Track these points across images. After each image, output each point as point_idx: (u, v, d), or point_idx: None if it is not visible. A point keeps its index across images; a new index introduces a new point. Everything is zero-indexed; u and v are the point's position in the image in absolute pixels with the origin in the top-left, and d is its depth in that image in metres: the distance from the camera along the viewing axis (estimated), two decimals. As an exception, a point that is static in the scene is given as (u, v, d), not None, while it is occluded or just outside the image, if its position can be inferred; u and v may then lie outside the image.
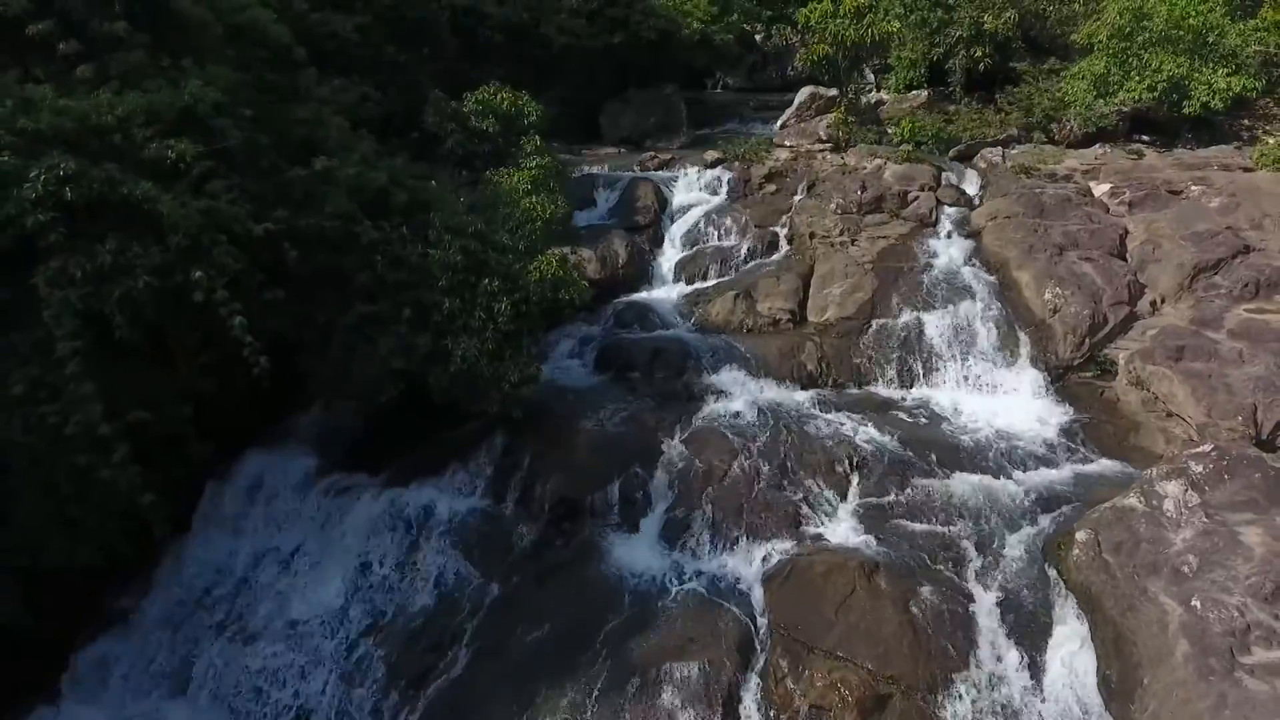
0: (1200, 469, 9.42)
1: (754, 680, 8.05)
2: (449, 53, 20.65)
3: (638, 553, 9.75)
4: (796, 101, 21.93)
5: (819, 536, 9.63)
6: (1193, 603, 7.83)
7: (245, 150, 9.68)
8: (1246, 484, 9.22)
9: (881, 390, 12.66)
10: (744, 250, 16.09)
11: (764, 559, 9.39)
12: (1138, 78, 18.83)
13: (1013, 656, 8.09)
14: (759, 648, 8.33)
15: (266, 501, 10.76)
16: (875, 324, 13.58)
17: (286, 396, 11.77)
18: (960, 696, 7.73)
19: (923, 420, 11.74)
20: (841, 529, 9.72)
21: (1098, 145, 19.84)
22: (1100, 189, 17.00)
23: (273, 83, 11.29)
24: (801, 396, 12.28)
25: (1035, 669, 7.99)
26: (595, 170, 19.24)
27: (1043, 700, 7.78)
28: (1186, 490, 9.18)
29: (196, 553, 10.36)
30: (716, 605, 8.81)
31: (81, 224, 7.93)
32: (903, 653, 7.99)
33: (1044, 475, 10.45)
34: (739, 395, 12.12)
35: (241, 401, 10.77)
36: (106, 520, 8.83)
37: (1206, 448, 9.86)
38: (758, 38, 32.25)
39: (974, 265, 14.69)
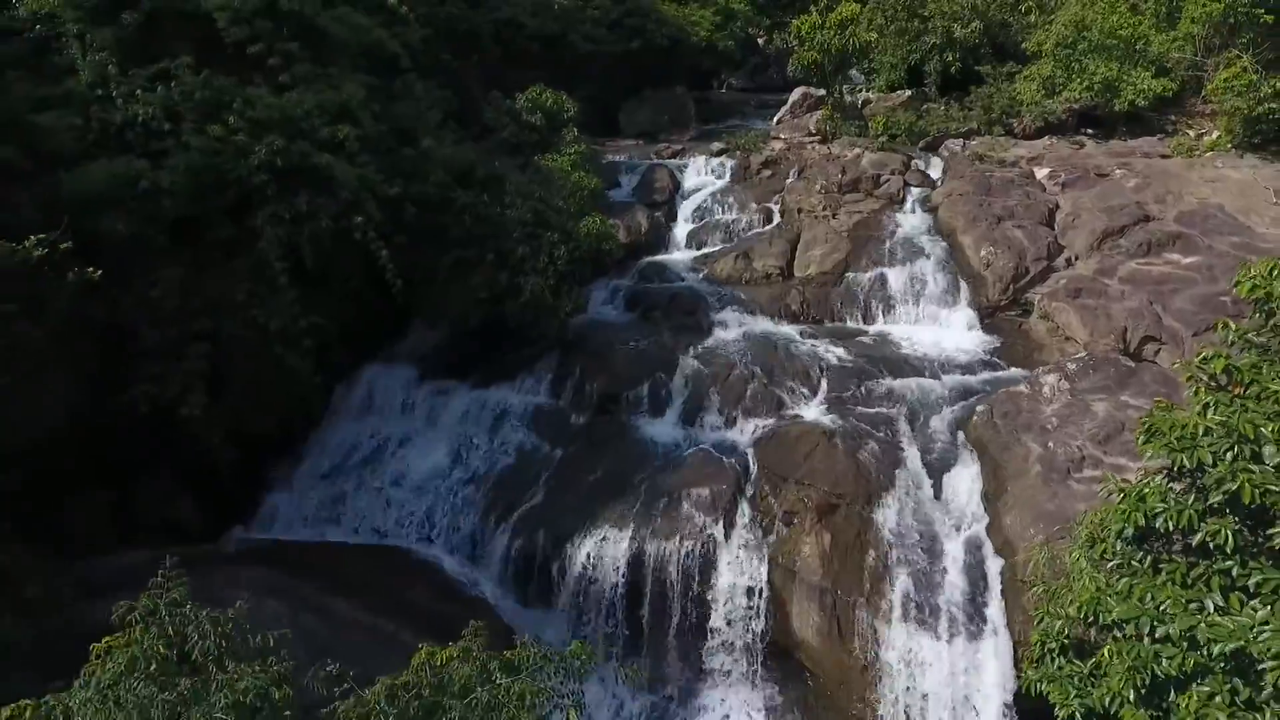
0: (1073, 367, 12.96)
1: (746, 498, 11.62)
2: (492, 58, 24.23)
3: (663, 429, 13.36)
4: (790, 100, 25.49)
5: (795, 416, 13.17)
6: (1049, 444, 11.36)
7: (375, 135, 13.26)
8: (1104, 376, 12.74)
9: (850, 325, 16.18)
10: (744, 222, 19.60)
11: (755, 430, 12.96)
12: (1078, 80, 22.26)
13: (926, 483, 11.62)
14: (750, 480, 11.89)
15: (383, 399, 14.34)
16: (848, 277, 17.11)
17: (388, 326, 15.41)
18: (888, 505, 11.25)
19: (879, 344, 15.25)
20: (812, 412, 13.25)
21: (1047, 137, 23.29)
22: (1041, 172, 20.46)
23: (383, 85, 14.87)
24: (786, 328, 15.81)
25: (940, 489, 11.53)
26: (618, 158, 22.79)
27: (944, 506, 11.30)
28: (1060, 380, 12.70)
29: (333, 436, 13.95)
30: (720, 458, 12.39)
31: (283, 183, 11.52)
32: (849, 480, 11.51)
33: (965, 379, 13.95)
34: (737, 327, 15.66)
35: (365, 324, 14.40)
36: (289, 399, 12.45)
37: (1082, 354, 13.40)
38: (760, 41, 35.69)
39: (930, 233, 18.18)
